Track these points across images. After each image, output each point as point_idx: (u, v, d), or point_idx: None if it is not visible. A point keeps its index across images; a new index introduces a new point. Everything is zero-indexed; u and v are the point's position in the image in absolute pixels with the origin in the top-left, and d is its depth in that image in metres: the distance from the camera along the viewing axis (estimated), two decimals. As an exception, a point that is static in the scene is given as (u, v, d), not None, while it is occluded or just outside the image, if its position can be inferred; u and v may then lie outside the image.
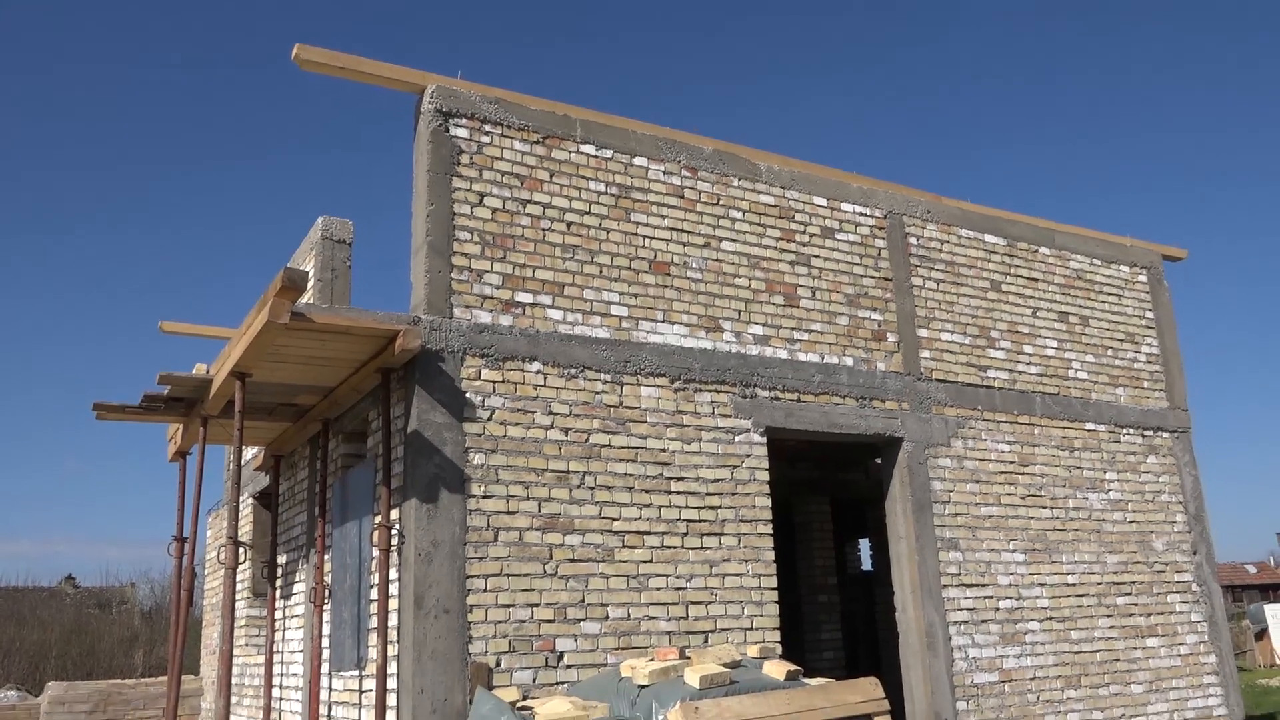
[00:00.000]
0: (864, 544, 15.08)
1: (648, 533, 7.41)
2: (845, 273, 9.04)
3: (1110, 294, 10.95)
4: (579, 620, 7.00)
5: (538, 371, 7.32)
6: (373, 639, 6.97)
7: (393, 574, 6.82)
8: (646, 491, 7.48)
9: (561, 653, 6.90)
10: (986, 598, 8.98)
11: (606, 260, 7.85)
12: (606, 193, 8.00)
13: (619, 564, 7.24)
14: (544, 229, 7.65)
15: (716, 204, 8.50)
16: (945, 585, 8.75)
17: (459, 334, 7.07)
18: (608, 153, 8.08)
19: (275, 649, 9.32)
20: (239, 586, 11.27)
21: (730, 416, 8.01)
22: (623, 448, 7.48)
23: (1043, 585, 9.36)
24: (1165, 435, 10.78)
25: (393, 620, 6.74)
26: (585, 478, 7.28)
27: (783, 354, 8.46)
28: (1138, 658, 9.77)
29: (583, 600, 7.05)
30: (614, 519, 7.31)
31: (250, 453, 10.96)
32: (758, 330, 8.40)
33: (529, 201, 7.65)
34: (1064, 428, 10.00)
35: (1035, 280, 10.37)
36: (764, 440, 8.13)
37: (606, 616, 7.11)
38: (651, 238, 8.10)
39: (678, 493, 7.61)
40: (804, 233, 8.90)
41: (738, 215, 8.58)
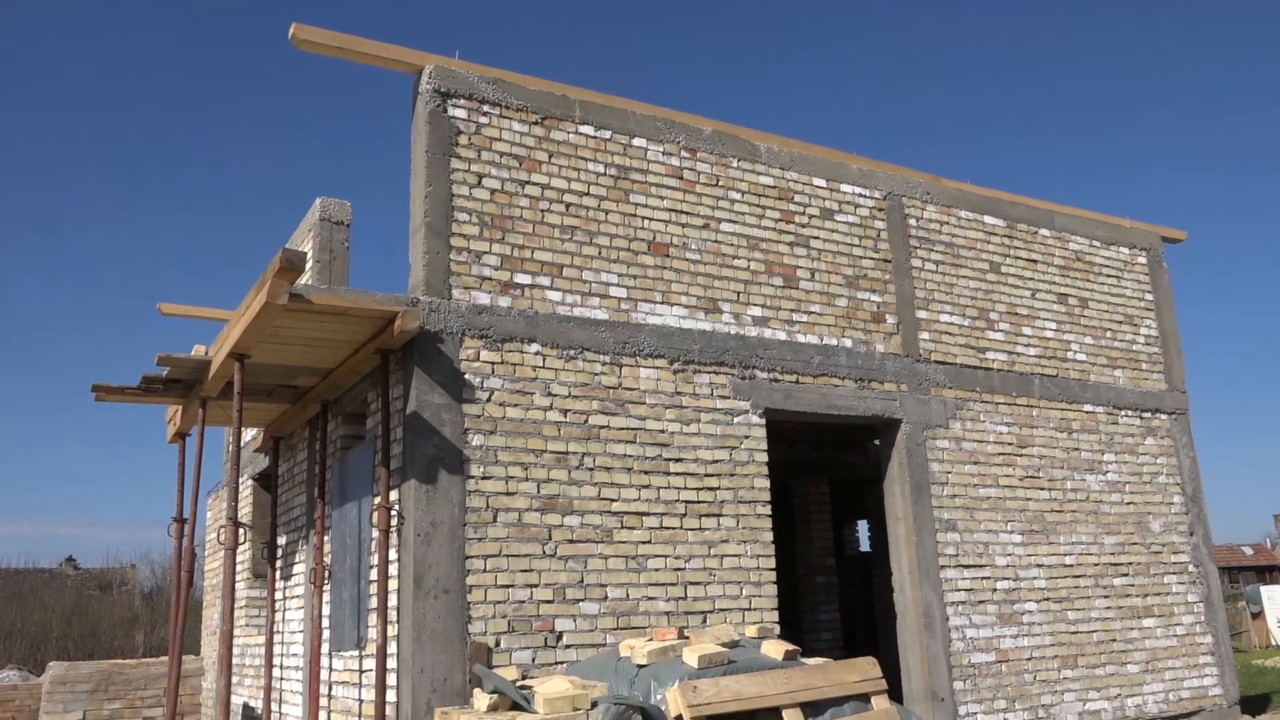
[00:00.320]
0: (862, 525, 15.12)
1: (646, 514, 7.43)
2: (844, 254, 9.03)
3: (1109, 276, 10.94)
4: (578, 600, 7.03)
5: (537, 353, 7.32)
6: (373, 619, 7.00)
7: (392, 554, 6.84)
8: (645, 473, 7.50)
9: (560, 633, 6.93)
10: (984, 578, 9.01)
11: (605, 241, 7.84)
12: (605, 173, 7.98)
13: (618, 545, 7.26)
14: (543, 210, 7.64)
15: (715, 185, 8.48)
16: (943, 566, 8.78)
17: (458, 315, 7.07)
18: (606, 133, 8.06)
19: (275, 629, 9.36)
20: (239, 567, 11.31)
21: (729, 398, 8.01)
22: (622, 429, 7.49)
23: (1040, 566, 9.40)
24: (1163, 417, 10.79)
25: (392, 600, 6.77)
26: (584, 459, 7.29)
27: (781, 335, 8.46)
28: (1134, 638, 9.81)
29: (582, 581, 7.08)
30: (613, 500, 7.33)
31: (249, 434, 10.97)
32: (756, 312, 8.40)
33: (528, 182, 7.63)
34: (1062, 409, 10.02)
35: (1034, 262, 10.36)
36: (763, 422, 8.14)
37: (605, 597, 7.13)
38: (650, 219, 8.09)
39: (676, 474, 7.63)
40: (803, 214, 8.89)
41: (737, 196, 8.56)
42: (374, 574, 7.05)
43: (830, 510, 12.56)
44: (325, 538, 8.19)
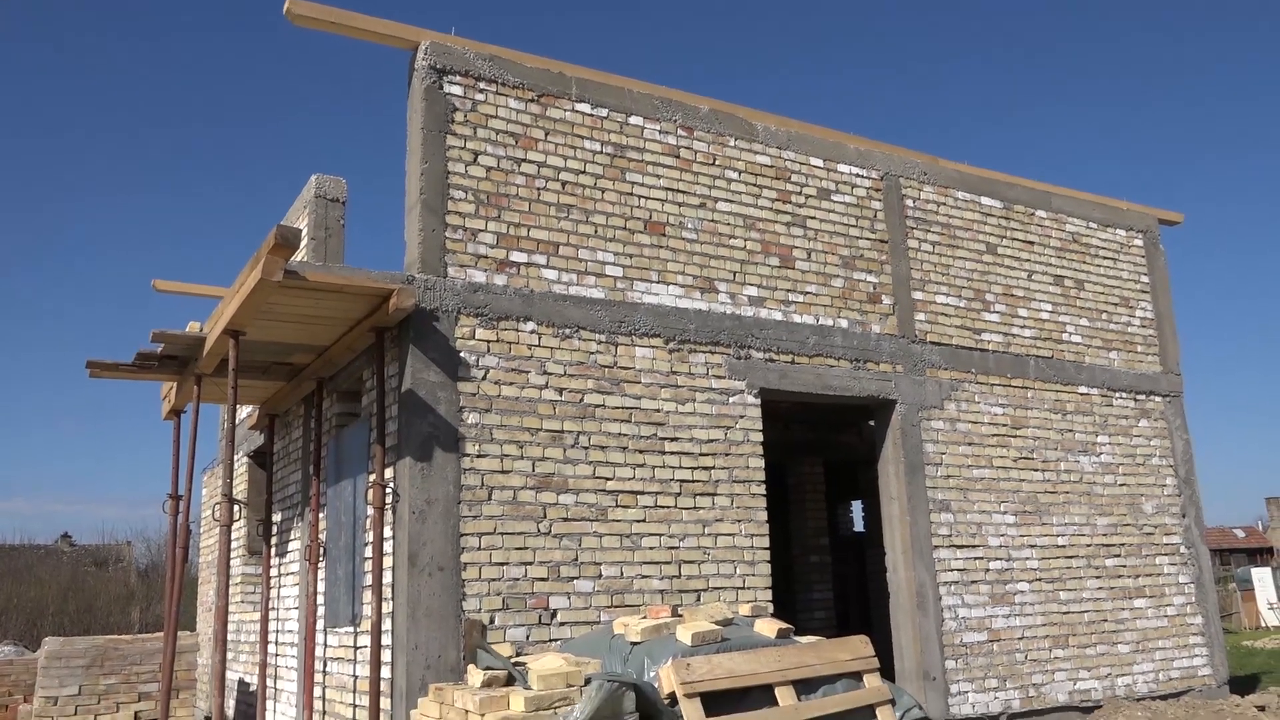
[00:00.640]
0: (856, 506, 15.17)
1: (641, 492, 7.45)
2: (841, 234, 9.02)
3: (1106, 258, 10.94)
4: (572, 578, 7.06)
5: (532, 331, 7.31)
6: (367, 596, 7.02)
7: (387, 532, 6.85)
8: (640, 452, 7.51)
9: (555, 610, 6.96)
10: (977, 558, 9.06)
11: (601, 220, 7.82)
12: (602, 152, 7.94)
13: (612, 523, 7.28)
14: (539, 188, 7.61)
15: (712, 164, 8.45)
16: (936, 546, 8.82)
17: (453, 293, 7.06)
18: (603, 111, 8.02)
19: (270, 606, 9.38)
20: (234, 544, 11.33)
21: (724, 378, 8.02)
22: (617, 408, 7.49)
23: (1033, 547, 9.44)
24: (1157, 399, 10.82)
25: (387, 578, 6.79)
26: (579, 437, 7.30)
27: (777, 316, 8.46)
28: (1125, 618, 9.87)
29: (576, 559, 7.10)
30: (608, 479, 7.34)
31: (244, 412, 10.97)
32: (753, 292, 8.39)
33: (524, 160, 7.60)
34: (1057, 391, 10.04)
35: (1031, 243, 10.35)
36: (758, 401, 8.15)
37: (600, 575, 7.16)
38: (647, 198, 8.07)
39: (671, 453, 7.64)
40: (800, 194, 8.86)
41: (733, 175, 8.53)
42: (369, 551, 7.07)
43: (825, 490, 12.60)
44: (320, 515, 8.20)
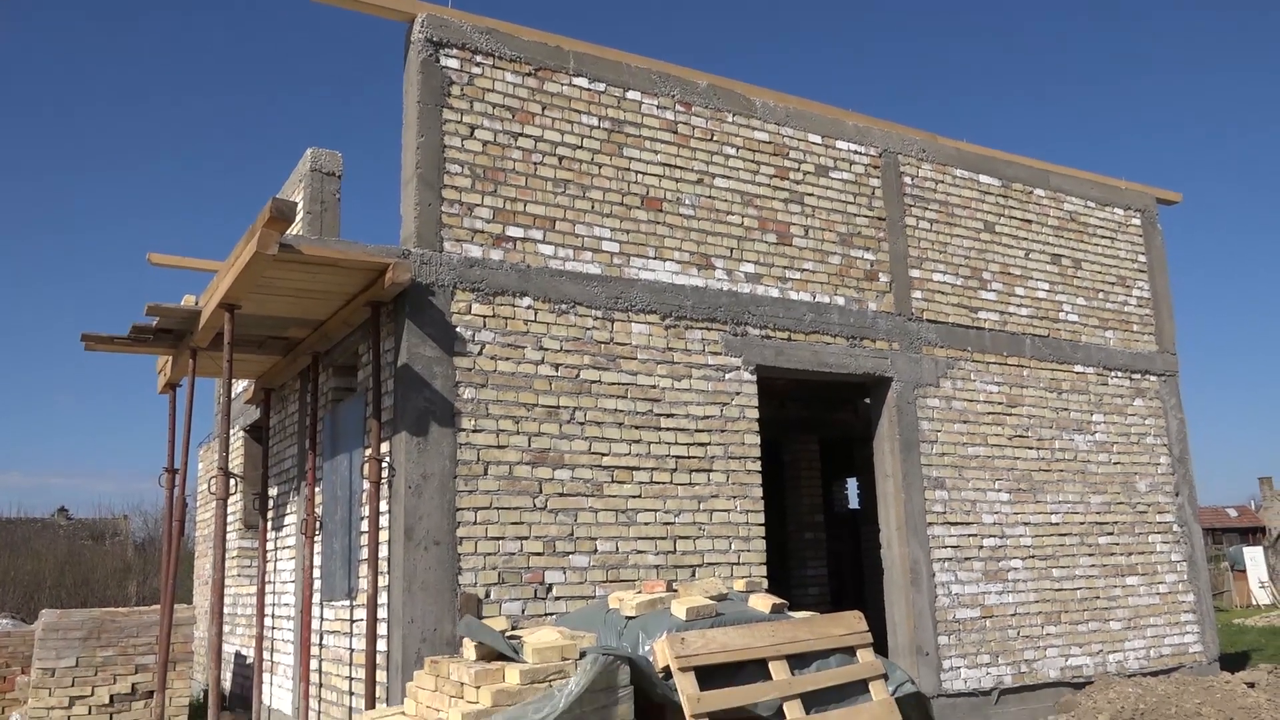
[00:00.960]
0: (851, 483, 15.21)
1: (637, 468, 7.46)
2: (839, 211, 8.99)
3: (1103, 237, 10.92)
4: (568, 553, 7.08)
5: (528, 307, 7.30)
6: (363, 570, 7.04)
7: (383, 506, 6.87)
8: (636, 428, 7.52)
9: (550, 585, 6.98)
10: (970, 535, 9.10)
11: (598, 195, 7.78)
12: (599, 127, 7.90)
13: (608, 499, 7.30)
14: (535, 163, 7.57)
15: (710, 140, 8.41)
16: (930, 523, 8.85)
17: (449, 268, 7.04)
18: (600, 86, 7.97)
19: (267, 579, 9.42)
20: (230, 518, 11.35)
21: (721, 354, 8.02)
22: (613, 384, 7.50)
23: (1026, 524, 9.48)
24: (1152, 378, 10.84)
25: (383, 552, 6.81)
26: (575, 413, 7.30)
27: (774, 292, 8.45)
28: (1117, 595, 9.93)
29: (572, 534, 7.12)
30: (604, 454, 7.35)
31: (240, 386, 10.96)
32: (750, 268, 8.37)
33: (520, 135, 7.56)
34: (1052, 369, 10.05)
35: (1029, 222, 10.33)
36: (754, 378, 8.15)
37: (595, 550, 7.18)
38: (644, 173, 8.03)
39: (667, 429, 7.65)
40: (798, 170, 8.83)
41: (731, 151, 8.50)
42: (365, 525, 7.08)
43: (820, 467, 12.63)
44: (316, 489, 8.21)
